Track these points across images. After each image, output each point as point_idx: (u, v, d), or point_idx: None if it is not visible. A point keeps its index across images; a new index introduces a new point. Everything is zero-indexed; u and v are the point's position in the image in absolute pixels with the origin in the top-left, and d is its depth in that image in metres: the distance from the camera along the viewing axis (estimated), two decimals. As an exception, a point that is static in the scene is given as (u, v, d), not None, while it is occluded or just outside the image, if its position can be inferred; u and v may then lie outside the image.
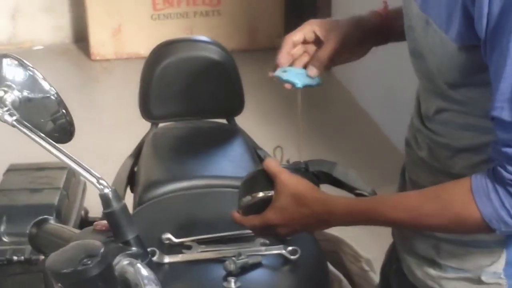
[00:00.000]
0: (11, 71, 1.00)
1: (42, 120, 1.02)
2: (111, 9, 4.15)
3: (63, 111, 1.01)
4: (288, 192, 1.06)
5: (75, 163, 0.94)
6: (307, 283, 1.26)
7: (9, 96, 0.99)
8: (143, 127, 2.01)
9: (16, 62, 1.00)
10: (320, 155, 1.24)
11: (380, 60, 2.82)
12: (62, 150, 0.95)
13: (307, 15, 1.24)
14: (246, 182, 1.12)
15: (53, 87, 1.01)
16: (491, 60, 0.89)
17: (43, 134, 0.97)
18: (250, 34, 4.33)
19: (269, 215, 1.07)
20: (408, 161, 1.17)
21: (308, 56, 1.17)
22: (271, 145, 1.22)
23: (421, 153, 1.11)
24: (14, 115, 0.97)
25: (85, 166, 0.94)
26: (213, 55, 1.93)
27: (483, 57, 0.91)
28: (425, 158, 1.10)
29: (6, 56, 1.01)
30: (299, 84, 1.13)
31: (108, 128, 3.42)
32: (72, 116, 1.02)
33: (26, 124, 0.97)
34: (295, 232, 1.12)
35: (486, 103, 0.91)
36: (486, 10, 0.86)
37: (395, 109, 3.10)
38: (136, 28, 4.20)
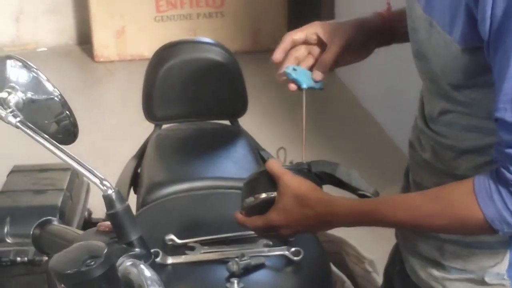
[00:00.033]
0: (15, 73, 1.00)
1: (46, 122, 1.02)
2: (115, 11, 4.16)
3: (67, 113, 1.01)
4: (291, 193, 1.05)
5: (79, 164, 0.95)
6: (310, 284, 1.26)
7: (13, 98, 0.99)
8: (147, 129, 2.01)
9: (20, 64, 1.00)
10: (323, 156, 1.24)
11: (383, 61, 2.81)
12: (66, 151, 0.95)
13: (310, 17, 1.24)
14: (249, 183, 1.12)
15: (57, 89, 1.01)
16: (495, 61, 0.89)
17: (47, 136, 0.97)
18: (253, 36, 4.33)
19: (272, 216, 1.07)
20: (412, 163, 1.17)
21: (313, 58, 1.17)
22: (275, 147, 1.22)
23: (425, 155, 1.10)
24: (18, 117, 0.97)
25: (89, 167, 0.94)
26: (217, 57, 1.93)
27: (487, 59, 0.91)
28: (429, 160, 1.09)
29: (10, 58, 1.01)
30: (305, 85, 1.14)
31: (112, 130, 3.43)
32: (76, 118, 1.02)
33: (30, 126, 0.97)
34: (298, 233, 1.12)
35: (490, 105, 0.91)
36: (490, 12, 0.86)
37: (398, 110, 3.09)
38: (140, 30, 4.20)
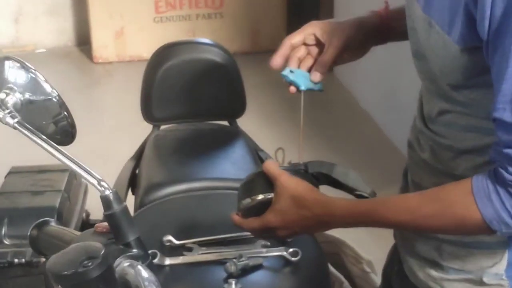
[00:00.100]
0: (13, 73, 1.00)
1: (44, 122, 1.01)
2: (114, 12, 4.16)
3: (65, 113, 1.01)
4: (288, 195, 1.05)
5: (77, 165, 0.94)
6: (308, 285, 1.26)
7: (11, 98, 0.99)
8: (145, 129, 2.01)
9: (18, 64, 1.00)
10: (321, 156, 1.24)
11: (381, 61, 2.82)
12: (64, 152, 0.95)
13: (309, 18, 1.24)
14: (246, 184, 1.12)
15: (55, 89, 1.01)
16: (493, 62, 0.89)
17: (45, 136, 0.97)
18: (252, 37, 4.33)
19: (269, 218, 1.07)
20: (411, 163, 1.17)
21: (312, 59, 1.17)
22: (273, 147, 1.22)
23: (424, 155, 1.10)
24: (16, 117, 0.97)
25: (87, 168, 0.94)
26: (215, 57, 1.93)
27: (485, 59, 0.91)
28: (428, 160, 1.09)
29: (8, 58, 1.01)
30: (303, 87, 1.13)
31: (110, 130, 3.43)
32: (74, 119, 1.02)
33: (28, 126, 0.97)
34: (295, 234, 1.11)
35: (489, 105, 0.90)
36: (489, 12, 0.86)
37: (396, 110, 3.10)
38: (139, 31, 4.20)
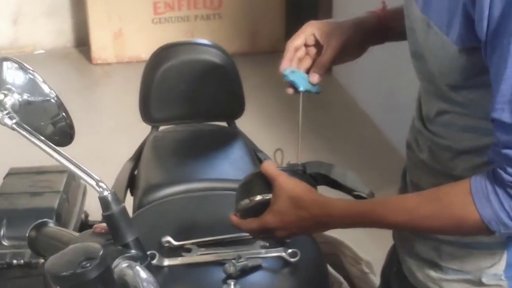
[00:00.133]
0: (11, 74, 1.00)
1: (42, 123, 1.02)
2: (112, 13, 4.16)
3: (63, 114, 1.01)
4: (286, 195, 1.05)
5: (75, 166, 0.94)
6: (307, 286, 1.26)
7: (9, 99, 0.99)
8: (144, 130, 2.01)
9: (16, 65, 1.00)
10: (320, 157, 1.24)
11: (379, 62, 2.82)
12: (62, 153, 0.95)
13: (308, 19, 1.24)
14: (244, 185, 1.11)
15: (53, 90, 1.01)
16: (492, 62, 0.89)
17: (43, 137, 0.97)
18: (251, 38, 4.33)
19: (267, 218, 1.07)
20: (409, 164, 1.17)
21: (310, 59, 1.17)
22: (272, 148, 1.22)
23: (422, 155, 1.10)
24: (14, 118, 0.97)
25: (85, 169, 0.94)
26: (214, 58, 1.93)
27: (484, 59, 0.91)
28: (426, 160, 1.09)
29: (6, 59, 1.01)
30: (302, 88, 1.14)
31: (109, 131, 3.43)
32: (73, 120, 1.02)
33: (26, 127, 0.97)
34: (293, 235, 1.11)
35: (487, 105, 0.90)
36: (487, 12, 0.86)
37: (395, 111, 3.10)
38: (137, 32, 4.20)
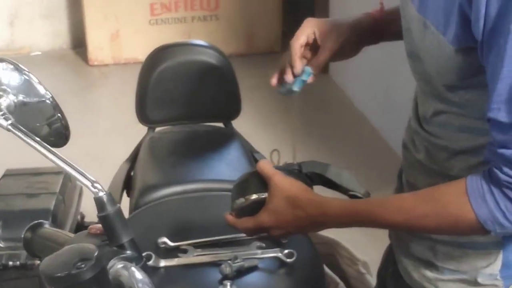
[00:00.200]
0: (7, 75, 1.00)
1: (38, 124, 1.02)
2: (109, 15, 4.15)
3: (59, 115, 1.01)
4: (282, 195, 1.05)
5: (70, 167, 0.94)
6: (303, 286, 1.25)
7: (4, 100, 0.99)
8: (141, 132, 2.01)
9: (12, 66, 1.00)
10: (316, 157, 1.24)
11: (376, 61, 2.82)
12: (57, 154, 0.95)
13: (305, 20, 1.24)
14: (240, 184, 1.12)
15: (49, 91, 1.01)
16: (488, 62, 0.89)
17: (39, 138, 0.97)
18: (248, 39, 4.33)
19: (263, 218, 1.07)
20: (405, 164, 1.17)
21: (305, 60, 1.18)
22: (268, 149, 1.22)
23: (419, 156, 1.11)
24: (9, 119, 0.97)
25: (80, 170, 0.94)
26: (210, 59, 1.93)
27: (480, 59, 0.91)
28: (423, 161, 1.10)
29: (2, 61, 1.01)
30: (296, 88, 1.15)
31: (106, 133, 3.42)
32: (70, 121, 1.02)
33: (21, 128, 0.97)
34: (289, 234, 1.11)
35: (484, 105, 0.91)
36: (483, 12, 0.86)
37: (391, 110, 3.10)
38: (134, 33, 4.20)
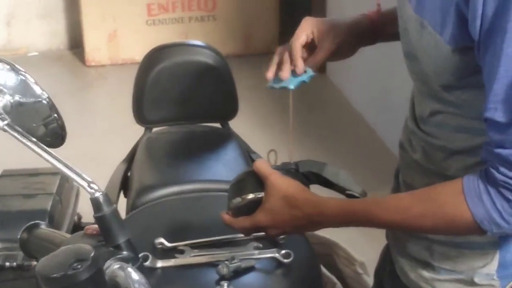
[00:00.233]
0: (3, 76, 1.00)
1: (34, 125, 1.02)
2: (106, 15, 4.15)
3: (55, 116, 1.01)
4: (279, 194, 1.05)
5: (66, 167, 0.94)
6: (300, 286, 1.25)
7: (0, 101, 0.99)
8: (138, 132, 2.01)
9: (8, 67, 1.00)
10: (313, 157, 1.23)
11: (373, 62, 2.83)
12: (54, 155, 0.95)
13: (302, 22, 1.24)
14: (236, 183, 1.11)
15: (45, 92, 1.01)
16: (485, 61, 0.89)
17: (35, 139, 0.96)
18: (245, 40, 4.33)
19: (259, 217, 1.07)
20: (402, 164, 1.17)
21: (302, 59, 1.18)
22: (265, 149, 1.21)
23: (416, 156, 1.11)
24: (6, 120, 0.97)
25: (76, 170, 0.94)
26: (207, 60, 1.93)
27: (477, 59, 0.91)
28: (420, 161, 1.10)
29: (-2, 61, 1.01)
30: (291, 86, 1.14)
31: (103, 133, 3.42)
32: (67, 121, 1.02)
33: (17, 129, 0.97)
34: (286, 233, 1.11)
35: (480, 105, 0.91)
36: (480, 12, 0.86)
37: (389, 111, 3.10)
38: (131, 34, 4.20)
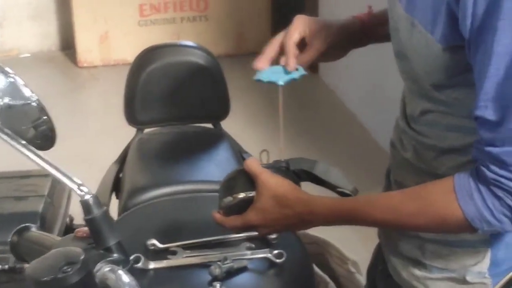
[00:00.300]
0: (-9, 78, 0.99)
1: (24, 127, 1.01)
2: (98, 16, 4.14)
3: (45, 118, 1.01)
4: (269, 193, 1.05)
5: (56, 170, 0.94)
6: (293, 286, 1.25)
7: (-10, 104, 0.98)
8: (129, 133, 2.00)
9: (-4, 69, 1.00)
10: (306, 156, 1.23)
11: (366, 61, 2.83)
12: (43, 157, 0.94)
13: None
14: (227, 182, 1.11)
15: (34, 94, 1.00)
16: (475, 60, 0.89)
17: (25, 141, 0.96)
18: (237, 40, 4.33)
19: (251, 216, 1.06)
20: (393, 163, 1.17)
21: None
22: (257, 149, 1.21)
23: (407, 155, 1.11)
24: (-6, 122, 0.96)
25: (66, 173, 0.94)
26: (199, 60, 1.93)
27: (468, 57, 0.91)
28: (411, 160, 1.10)
29: (-14, 64, 1.00)
30: (281, 82, 1.11)
31: (95, 134, 3.42)
32: (59, 123, 1.02)
33: (7, 131, 0.96)
34: (277, 232, 1.11)
35: (471, 104, 0.91)
36: (471, 10, 0.86)
37: (381, 111, 3.10)
38: (123, 35, 4.19)
